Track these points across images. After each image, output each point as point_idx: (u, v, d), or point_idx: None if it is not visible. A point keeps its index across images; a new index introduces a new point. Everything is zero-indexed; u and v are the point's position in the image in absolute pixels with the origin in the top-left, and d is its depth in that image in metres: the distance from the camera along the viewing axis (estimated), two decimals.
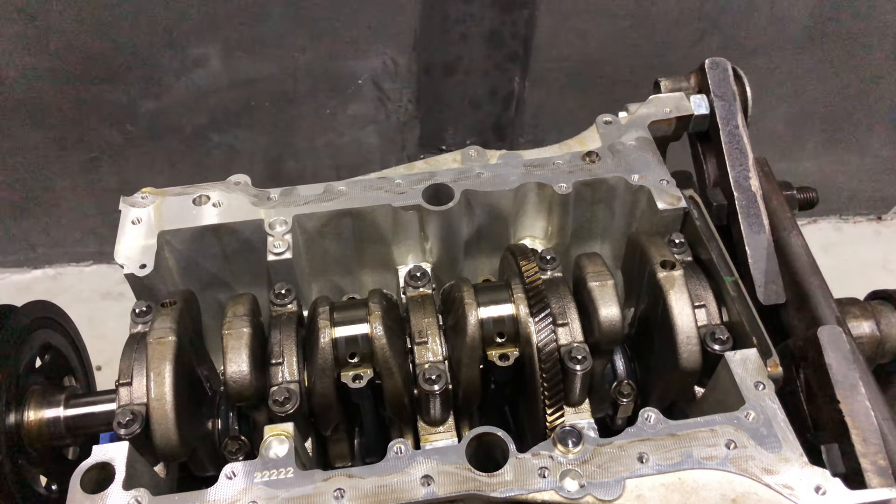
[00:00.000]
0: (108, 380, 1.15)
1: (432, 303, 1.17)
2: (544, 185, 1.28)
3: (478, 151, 1.32)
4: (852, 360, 1.02)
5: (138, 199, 1.27)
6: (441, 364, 1.10)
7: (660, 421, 0.98)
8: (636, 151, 1.31)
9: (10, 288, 2.52)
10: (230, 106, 2.17)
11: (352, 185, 1.28)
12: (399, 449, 0.97)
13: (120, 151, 2.25)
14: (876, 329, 1.20)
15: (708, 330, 1.09)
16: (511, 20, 2.06)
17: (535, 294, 1.11)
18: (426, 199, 1.25)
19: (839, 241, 2.72)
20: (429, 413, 1.11)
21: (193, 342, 1.15)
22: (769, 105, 2.37)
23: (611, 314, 1.10)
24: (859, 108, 2.45)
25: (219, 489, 0.94)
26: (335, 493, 0.92)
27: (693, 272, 1.17)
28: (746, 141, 1.30)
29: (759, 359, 1.04)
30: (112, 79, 2.05)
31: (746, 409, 0.99)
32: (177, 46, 2.03)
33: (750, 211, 1.24)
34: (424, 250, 1.32)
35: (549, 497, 0.92)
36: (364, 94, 2.22)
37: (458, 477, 0.93)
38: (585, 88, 2.25)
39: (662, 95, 1.39)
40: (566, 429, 0.97)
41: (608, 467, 0.94)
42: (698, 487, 0.93)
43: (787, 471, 0.93)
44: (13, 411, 1.14)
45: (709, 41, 2.17)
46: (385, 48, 2.11)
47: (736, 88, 1.35)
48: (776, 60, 2.25)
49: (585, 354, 1.08)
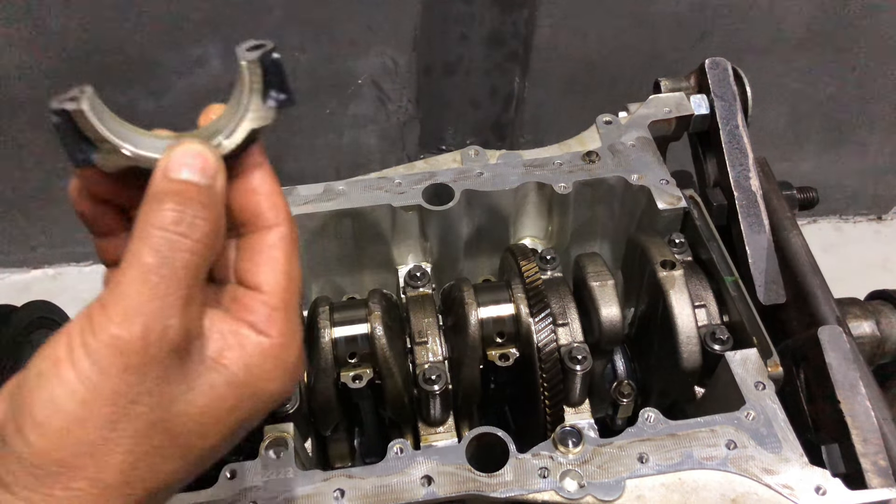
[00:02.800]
0: None
1: (432, 303, 1.17)
2: (544, 184, 1.28)
3: (478, 151, 1.32)
4: (852, 360, 1.02)
5: None
6: (441, 364, 1.10)
7: (660, 421, 0.98)
8: (636, 151, 1.31)
9: (9, 288, 2.52)
10: None
11: (352, 185, 1.28)
12: (399, 449, 0.97)
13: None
14: (876, 329, 1.20)
15: (708, 330, 1.09)
16: (511, 20, 2.06)
17: (535, 294, 1.11)
18: (426, 199, 1.25)
19: (839, 241, 2.72)
20: (429, 413, 1.11)
21: None
22: (769, 105, 2.37)
23: (611, 314, 1.10)
24: (859, 108, 2.45)
25: (218, 489, 0.94)
26: (335, 494, 0.92)
27: (693, 272, 1.17)
28: (746, 141, 1.30)
29: (759, 359, 1.04)
30: (112, 79, 2.05)
31: (747, 409, 0.99)
32: (177, 46, 2.03)
33: (750, 211, 1.24)
34: (424, 250, 1.32)
35: (549, 497, 0.91)
36: (364, 94, 2.22)
37: (458, 477, 0.93)
38: (585, 88, 2.25)
39: (662, 95, 1.39)
40: (566, 429, 0.97)
41: (608, 467, 0.94)
42: (698, 487, 0.92)
43: (787, 471, 0.93)
44: None
45: (709, 41, 2.17)
46: (385, 48, 2.11)
47: (736, 88, 1.35)
48: (776, 60, 2.25)
49: (586, 354, 1.08)
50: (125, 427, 0.56)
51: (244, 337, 0.62)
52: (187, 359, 0.59)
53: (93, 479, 0.56)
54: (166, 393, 0.58)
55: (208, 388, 0.60)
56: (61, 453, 0.55)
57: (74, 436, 0.55)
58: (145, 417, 0.57)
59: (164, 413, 0.58)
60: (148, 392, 0.57)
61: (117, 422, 0.56)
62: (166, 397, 0.58)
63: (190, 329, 0.59)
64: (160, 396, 0.58)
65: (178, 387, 0.59)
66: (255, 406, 0.64)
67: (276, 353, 0.63)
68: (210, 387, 0.60)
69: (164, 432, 0.59)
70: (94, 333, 0.56)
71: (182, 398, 0.59)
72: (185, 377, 0.59)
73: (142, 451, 0.58)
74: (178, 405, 0.59)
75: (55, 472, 0.55)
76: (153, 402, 0.57)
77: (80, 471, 0.56)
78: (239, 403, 0.62)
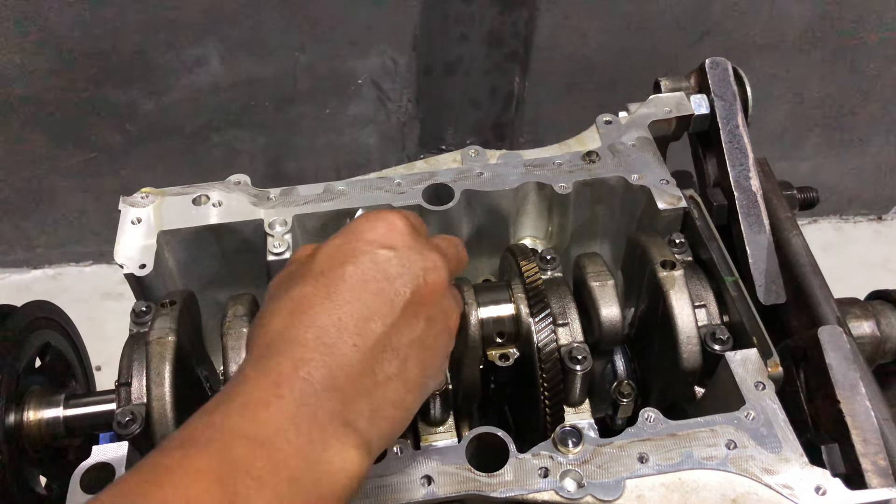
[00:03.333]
0: (108, 380, 1.14)
1: None
2: (544, 184, 1.28)
3: (478, 151, 1.32)
4: (853, 360, 1.02)
5: (138, 199, 1.27)
6: None
7: (660, 421, 0.98)
8: (636, 151, 1.31)
9: (9, 288, 2.52)
10: (230, 106, 2.17)
11: (352, 185, 1.28)
12: (399, 449, 0.97)
13: (120, 151, 2.25)
14: (876, 329, 1.20)
15: (708, 330, 1.09)
16: (511, 20, 2.06)
17: (535, 294, 1.11)
18: (426, 199, 1.25)
19: (839, 241, 2.72)
20: (429, 413, 1.10)
21: (193, 342, 1.15)
22: (769, 105, 2.37)
23: (611, 314, 1.10)
24: (859, 108, 2.45)
25: None
26: None
27: (693, 272, 1.17)
28: (747, 141, 1.30)
29: (759, 359, 1.04)
30: (112, 79, 2.05)
31: (747, 409, 0.98)
32: (177, 46, 2.03)
33: (750, 211, 1.24)
34: None
35: (549, 497, 0.91)
36: (364, 94, 2.22)
37: (459, 477, 0.93)
38: (585, 88, 2.25)
39: (662, 95, 1.39)
40: (566, 429, 0.96)
41: (608, 467, 0.94)
42: (698, 487, 0.92)
43: (787, 471, 0.93)
44: (13, 412, 1.14)
45: (709, 41, 2.17)
46: (385, 48, 2.11)
47: (736, 88, 1.35)
48: (776, 60, 2.26)
49: (586, 354, 1.07)
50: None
51: None
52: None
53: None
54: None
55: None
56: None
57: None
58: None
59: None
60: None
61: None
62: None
63: None
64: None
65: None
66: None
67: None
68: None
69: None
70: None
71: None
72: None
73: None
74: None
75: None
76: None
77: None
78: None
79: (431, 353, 0.73)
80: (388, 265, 0.71)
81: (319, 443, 0.61)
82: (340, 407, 0.64)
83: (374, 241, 0.73)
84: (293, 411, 0.61)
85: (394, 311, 0.69)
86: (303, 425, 0.61)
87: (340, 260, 0.71)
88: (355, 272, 0.70)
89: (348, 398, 0.65)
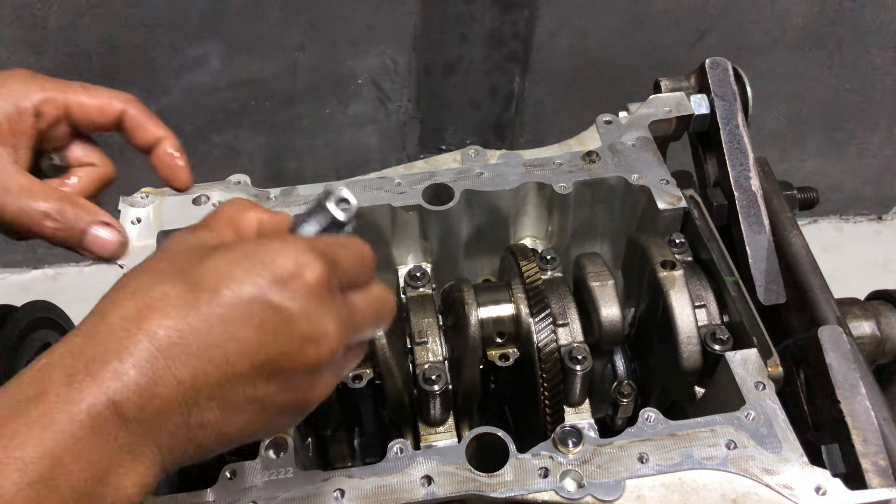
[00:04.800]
0: None
1: (432, 303, 1.17)
2: (544, 184, 1.28)
3: (478, 151, 1.32)
4: (852, 360, 1.02)
5: (138, 199, 1.27)
6: (441, 364, 1.10)
7: (660, 421, 0.98)
8: (636, 151, 1.31)
9: (9, 288, 2.52)
10: (230, 106, 2.17)
11: (352, 185, 1.28)
12: (399, 449, 0.97)
13: (120, 151, 2.25)
14: (876, 329, 1.20)
15: (708, 330, 1.09)
16: (511, 20, 2.06)
17: (535, 294, 1.11)
18: (426, 199, 1.25)
19: (839, 241, 2.72)
20: (429, 413, 1.10)
21: None
22: (769, 105, 2.37)
23: (611, 314, 1.10)
24: (859, 108, 2.45)
25: (218, 489, 0.94)
26: (335, 494, 0.92)
27: (693, 272, 1.17)
28: (747, 141, 1.30)
29: (759, 359, 1.04)
30: (112, 79, 2.05)
31: (747, 409, 0.98)
32: (177, 46, 2.03)
33: (750, 211, 1.24)
34: (424, 250, 1.32)
35: (549, 497, 0.91)
36: (364, 94, 2.22)
37: (459, 477, 0.93)
38: (585, 88, 2.25)
39: (662, 95, 1.39)
40: (566, 429, 0.96)
41: (608, 467, 0.94)
42: (698, 487, 0.92)
43: (787, 471, 0.93)
44: None
45: (709, 41, 2.17)
46: (385, 48, 2.11)
47: (736, 88, 1.34)
48: (776, 60, 2.25)
49: (586, 354, 1.08)
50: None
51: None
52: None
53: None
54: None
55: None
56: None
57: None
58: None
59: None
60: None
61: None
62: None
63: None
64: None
65: None
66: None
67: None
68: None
69: None
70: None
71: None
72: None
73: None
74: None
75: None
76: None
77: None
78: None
79: (268, 418, 0.65)
80: (270, 314, 0.61)
81: (100, 471, 0.57)
82: (132, 439, 0.58)
83: (274, 280, 0.61)
84: (80, 436, 0.56)
85: (243, 363, 0.60)
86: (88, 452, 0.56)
87: (227, 278, 0.61)
88: (230, 303, 0.60)
89: (148, 430, 0.59)
